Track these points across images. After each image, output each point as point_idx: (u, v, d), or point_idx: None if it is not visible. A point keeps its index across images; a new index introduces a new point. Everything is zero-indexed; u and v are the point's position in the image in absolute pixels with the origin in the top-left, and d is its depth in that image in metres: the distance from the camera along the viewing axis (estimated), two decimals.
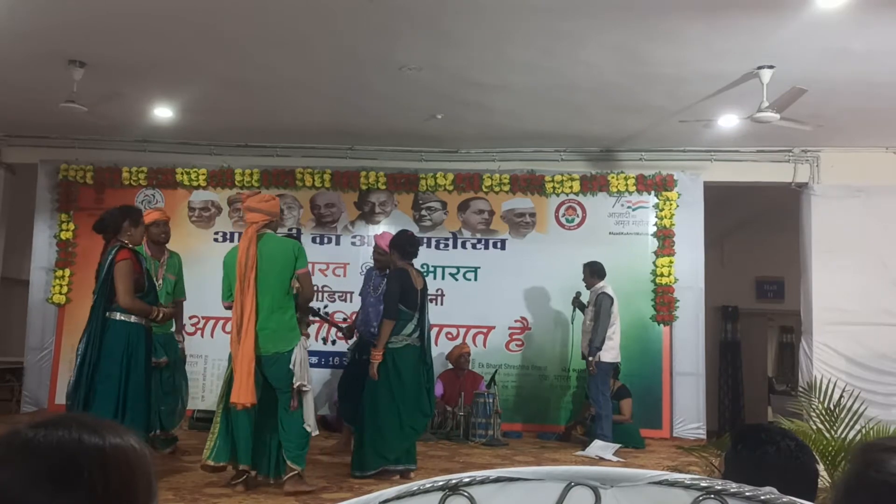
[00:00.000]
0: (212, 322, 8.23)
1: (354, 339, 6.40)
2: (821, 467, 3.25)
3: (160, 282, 5.55)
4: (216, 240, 8.49)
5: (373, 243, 8.12)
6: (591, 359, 6.88)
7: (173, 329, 5.82)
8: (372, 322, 5.85)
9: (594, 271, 7.17)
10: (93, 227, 5.16)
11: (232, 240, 8.50)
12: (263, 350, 4.60)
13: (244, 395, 4.50)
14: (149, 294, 4.94)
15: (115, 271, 4.71)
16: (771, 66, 5.83)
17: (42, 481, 0.82)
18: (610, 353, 6.96)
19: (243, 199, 5.00)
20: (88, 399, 4.61)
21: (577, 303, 7.38)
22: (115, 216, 4.97)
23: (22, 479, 0.82)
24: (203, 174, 8.50)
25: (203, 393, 8.05)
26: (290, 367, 4.59)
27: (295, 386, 4.58)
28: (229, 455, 4.64)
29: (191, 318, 8.07)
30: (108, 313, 4.74)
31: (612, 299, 6.98)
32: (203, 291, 8.03)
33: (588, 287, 7.22)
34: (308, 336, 5.81)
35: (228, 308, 4.79)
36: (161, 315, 4.92)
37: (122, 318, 4.75)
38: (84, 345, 4.72)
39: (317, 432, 4.81)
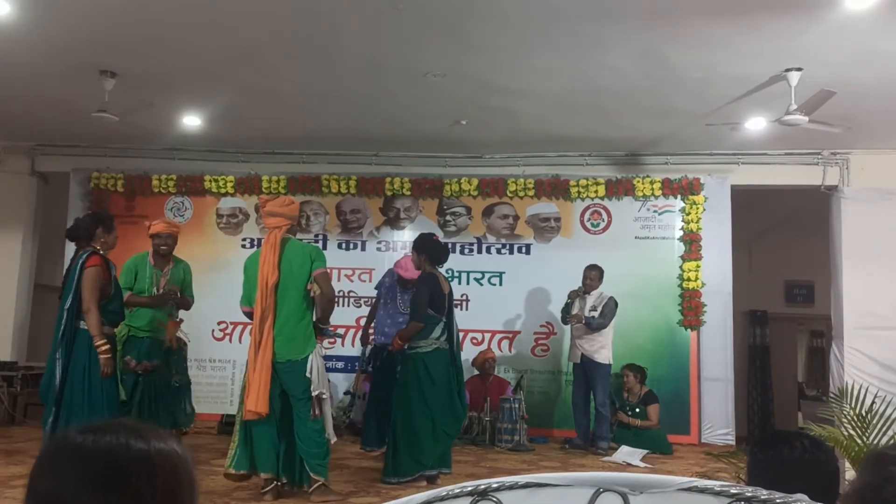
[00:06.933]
0: (240, 327, 8.30)
1: (370, 346, 6.54)
2: (851, 473, 3.21)
3: (158, 290, 5.56)
4: (244, 246, 8.57)
5: (398, 250, 8.25)
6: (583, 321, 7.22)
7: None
8: (384, 331, 6.08)
9: (602, 275, 7.35)
10: (66, 234, 5.12)
11: (259, 246, 8.58)
12: (278, 357, 4.52)
13: (260, 404, 4.42)
14: (113, 301, 4.88)
15: (83, 278, 4.68)
16: (799, 69, 5.76)
17: (91, 485, 0.84)
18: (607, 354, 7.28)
19: (262, 203, 4.93)
20: (59, 409, 4.62)
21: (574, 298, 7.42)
22: (87, 223, 4.95)
23: (72, 484, 0.85)
24: (231, 181, 8.59)
25: (231, 398, 8.11)
26: (307, 374, 4.52)
27: (314, 395, 4.51)
28: (249, 464, 4.55)
29: (219, 323, 8.17)
30: (77, 321, 4.74)
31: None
32: (231, 297, 8.10)
33: (591, 290, 7.31)
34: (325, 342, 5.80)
35: (247, 313, 4.72)
36: (105, 348, 4.72)
37: (85, 326, 4.74)
38: (56, 354, 4.71)
39: (335, 439, 4.75)
